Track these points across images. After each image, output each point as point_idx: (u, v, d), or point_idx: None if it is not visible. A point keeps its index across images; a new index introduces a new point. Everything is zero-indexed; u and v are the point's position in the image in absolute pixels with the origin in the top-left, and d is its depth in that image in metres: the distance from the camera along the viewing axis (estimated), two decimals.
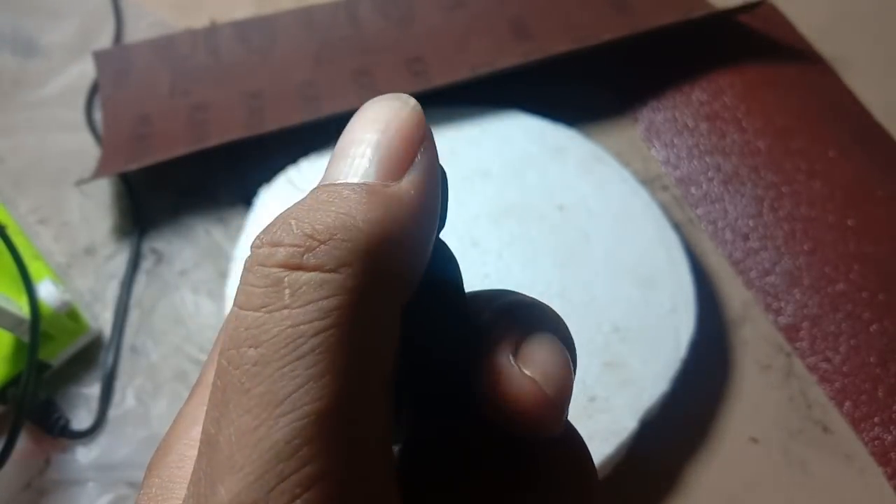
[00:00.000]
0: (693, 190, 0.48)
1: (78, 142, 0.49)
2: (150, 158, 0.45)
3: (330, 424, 0.12)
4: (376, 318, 0.13)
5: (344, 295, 0.12)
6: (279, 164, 0.45)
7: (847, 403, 0.40)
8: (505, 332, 0.15)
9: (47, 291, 0.38)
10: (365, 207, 0.13)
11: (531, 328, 0.15)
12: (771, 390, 0.40)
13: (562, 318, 0.17)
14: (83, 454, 0.38)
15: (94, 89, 0.51)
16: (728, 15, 0.54)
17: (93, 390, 0.40)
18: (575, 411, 0.36)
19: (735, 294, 0.43)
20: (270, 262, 0.13)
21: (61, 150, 0.49)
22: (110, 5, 0.56)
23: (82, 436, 0.38)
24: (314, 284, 0.12)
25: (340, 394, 0.12)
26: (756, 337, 0.42)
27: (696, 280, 0.40)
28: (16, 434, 0.34)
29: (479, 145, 0.45)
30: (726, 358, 0.41)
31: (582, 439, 0.17)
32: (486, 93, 0.47)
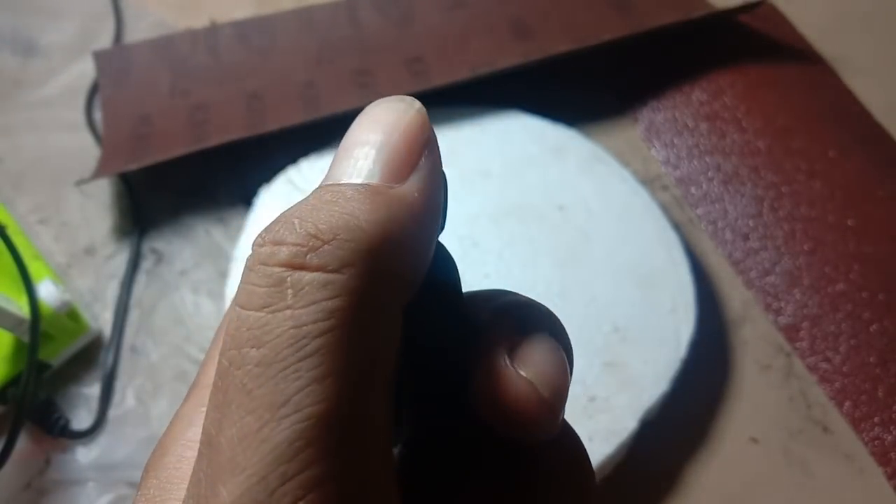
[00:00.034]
0: (693, 190, 0.48)
1: (78, 142, 0.49)
2: (150, 158, 0.45)
3: (333, 426, 0.12)
4: (379, 320, 0.13)
5: (347, 296, 0.12)
6: (279, 164, 0.45)
7: (847, 403, 0.40)
8: (501, 334, 0.15)
9: (47, 291, 0.38)
10: (368, 208, 0.13)
11: (527, 329, 0.15)
12: (771, 390, 0.40)
13: (558, 319, 0.17)
14: (83, 454, 0.38)
15: (94, 89, 0.51)
16: (728, 15, 0.54)
17: (93, 390, 0.40)
18: (575, 411, 0.36)
19: (735, 294, 0.43)
20: (273, 261, 0.12)
21: (61, 150, 0.49)
22: (110, 5, 0.56)
23: (82, 436, 0.38)
24: (317, 285, 0.12)
25: (343, 395, 0.12)
26: (756, 337, 0.42)
27: (696, 280, 0.40)
28: (16, 434, 0.34)
29: (479, 145, 0.45)
30: (726, 358, 0.41)
31: (579, 440, 0.17)
32: (486, 93, 0.47)
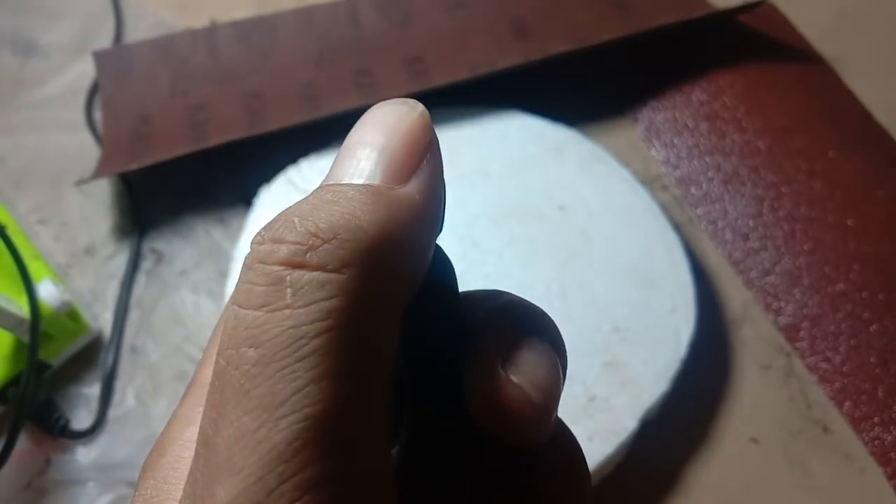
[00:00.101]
0: (693, 190, 0.48)
1: (78, 142, 0.49)
2: (150, 158, 0.45)
3: (331, 427, 0.11)
4: (378, 320, 0.13)
5: (346, 296, 0.12)
6: (279, 164, 0.45)
7: (847, 403, 0.40)
8: (495, 339, 0.15)
9: (47, 291, 0.38)
10: (369, 208, 0.13)
11: (521, 334, 0.15)
12: (771, 390, 0.40)
13: (552, 321, 0.17)
14: (83, 454, 0.38)
15: (94, 89, 0.51)
16: (728, 15, 0.54)
17: (93, 390, 0.40)
18: (575, 411, 0.36)
19: (735, 294, 0.43)
20: (272, 260, 0.12)
21: (61, 150, 0.49)
22: (110, 5, 0.56)
23: (82, 436, 0.38)
24: (316, 284, 0.12)
25: (341, 396, 0.12)
26: (756, 337, 0.42)
27: (696, 280, 0.40)
28: (16, 434, 0.34)
29: (479, 145, 0.45)
30: (726, 358, 0.41)
31: (576, 441, 0.17)
32: (486, 93, 0.47)
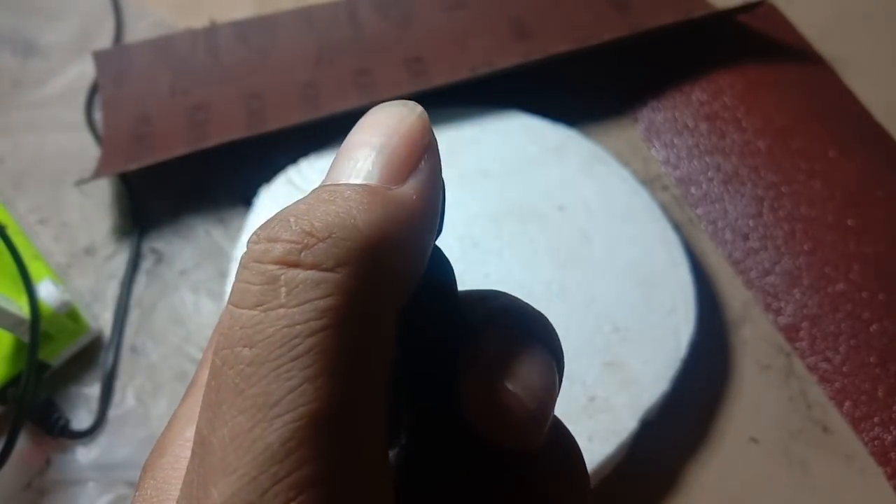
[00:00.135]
0: (693, 190, 0.48)
1: (78, 142, 0.49)
2: (150, 158, 0.45)
3: (325, 427, 0.11)
4: (373, 320, 0.13)
5: (341, 295, 0.12)
6: (279, 164, 0.45)
7: (847, 403, 0.40)
8: (491, 342, 0.15)
9: (47, 291, 0.38)
10: (365, 208, 0.13)
11: (517, 338, 0.15)
12: (771, 390, 0.40)
13: (549, 323, 0.16)
14: (83, 454, 0.38)
15: (94, 89, 0.51)
16: (728, 15, 0.54)
17: (93, 390, 0.40)
18: (575, 411, 0.36)
19: (735, 294, 0.43)
20: (267, 259, 0.12)
21: (61, 150, 0.49)
22: (110, 5, 0.56)
23: (82, 436, 0.38)
24: (311, 283, 0.12)
25: (336, 396, 0.12)
26: (756, 337, 0.42)
27: (696, 280, 0.40)
28: (16, 434, 0.34)
29: (479, 145, 0.45)
30: (726, 358, 0.41)
31: (575, 441, 0.16)
32: (486, 93, 0.47)
